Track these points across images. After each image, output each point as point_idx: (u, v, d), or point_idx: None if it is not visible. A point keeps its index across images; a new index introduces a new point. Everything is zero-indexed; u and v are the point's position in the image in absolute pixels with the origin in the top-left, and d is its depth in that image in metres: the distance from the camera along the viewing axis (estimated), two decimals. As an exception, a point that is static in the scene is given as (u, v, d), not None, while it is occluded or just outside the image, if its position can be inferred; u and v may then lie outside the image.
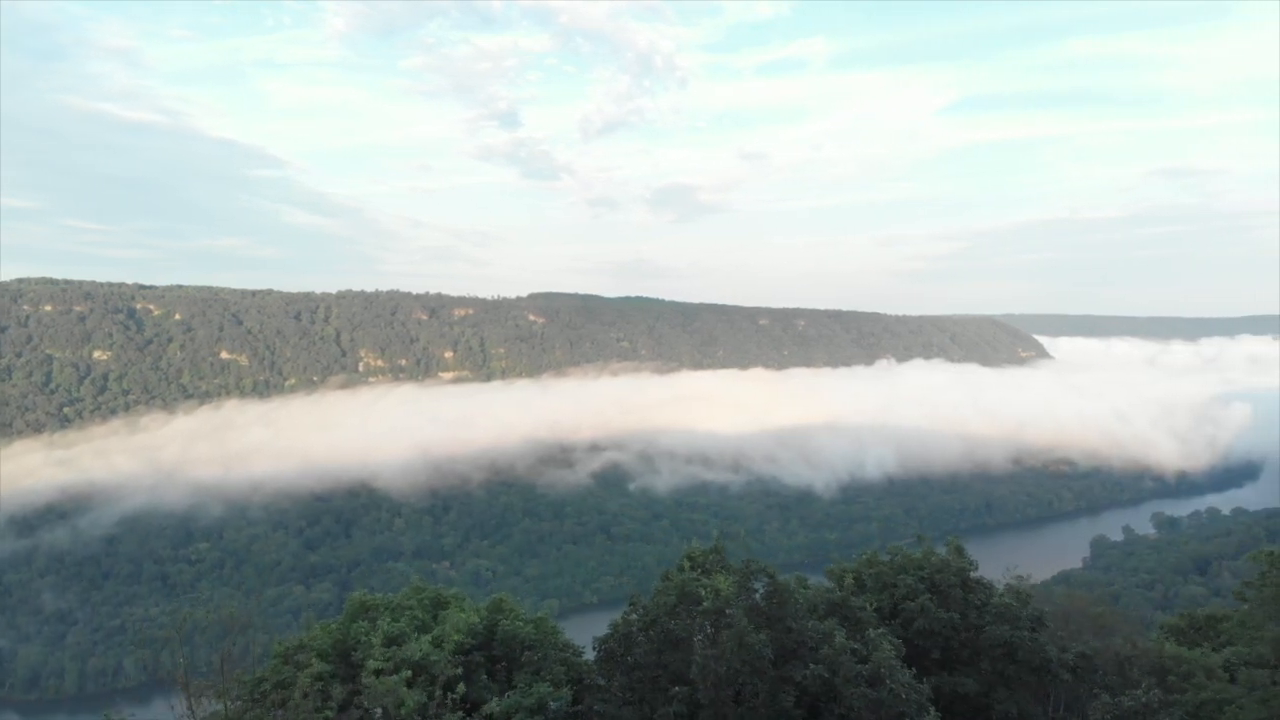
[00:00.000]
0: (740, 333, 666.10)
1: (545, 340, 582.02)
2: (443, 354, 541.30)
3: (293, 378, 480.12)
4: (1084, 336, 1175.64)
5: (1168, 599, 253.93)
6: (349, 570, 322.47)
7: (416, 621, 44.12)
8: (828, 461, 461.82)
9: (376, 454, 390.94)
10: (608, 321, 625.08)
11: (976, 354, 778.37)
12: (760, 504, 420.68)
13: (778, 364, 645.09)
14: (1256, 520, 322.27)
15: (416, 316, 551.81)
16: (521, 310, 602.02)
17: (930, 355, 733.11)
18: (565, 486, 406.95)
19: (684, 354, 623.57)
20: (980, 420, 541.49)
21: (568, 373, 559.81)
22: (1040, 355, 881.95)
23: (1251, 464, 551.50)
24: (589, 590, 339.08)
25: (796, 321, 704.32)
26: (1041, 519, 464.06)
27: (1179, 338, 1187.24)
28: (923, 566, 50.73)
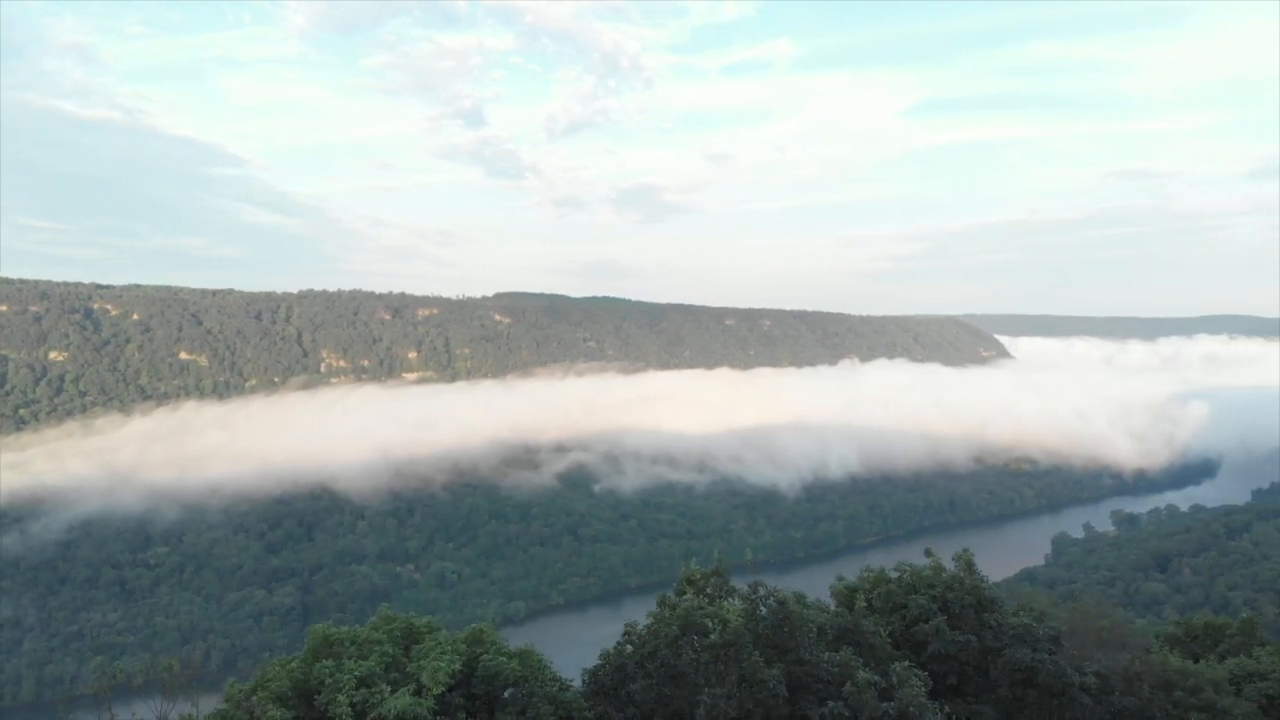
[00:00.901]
0: (707, 333, 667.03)
1: (511, 340, 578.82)
2: (406, 354, 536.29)
3: (253, 379, 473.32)
4: (1044, 336, 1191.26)
5: (1129, 596, 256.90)
6: (311, 574, 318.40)
7: (387, 659, 39.67)
8: (792, 461, 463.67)
9: (337, 456, 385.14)
10: (574, 322, 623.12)
11: (939, 354, 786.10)
12: (726, 503, 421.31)
13: (744, 364, 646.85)
14: (1215, 517, 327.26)
15: (379, 316, 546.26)
16: (487, 310, 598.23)
17: (893, 355, 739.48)
18: (530, 488, 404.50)
19: (651, 354, 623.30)
20: (942, 419, 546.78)
21: (533, 373, 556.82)
22: (1001, 355, 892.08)
23: (1209, 462, 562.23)
24: (556, 592, 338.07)
25: (762, 322, 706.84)
26: (1004, 517, 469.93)
27: (1137, 337, 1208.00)
28: (934, 584, 47.76)
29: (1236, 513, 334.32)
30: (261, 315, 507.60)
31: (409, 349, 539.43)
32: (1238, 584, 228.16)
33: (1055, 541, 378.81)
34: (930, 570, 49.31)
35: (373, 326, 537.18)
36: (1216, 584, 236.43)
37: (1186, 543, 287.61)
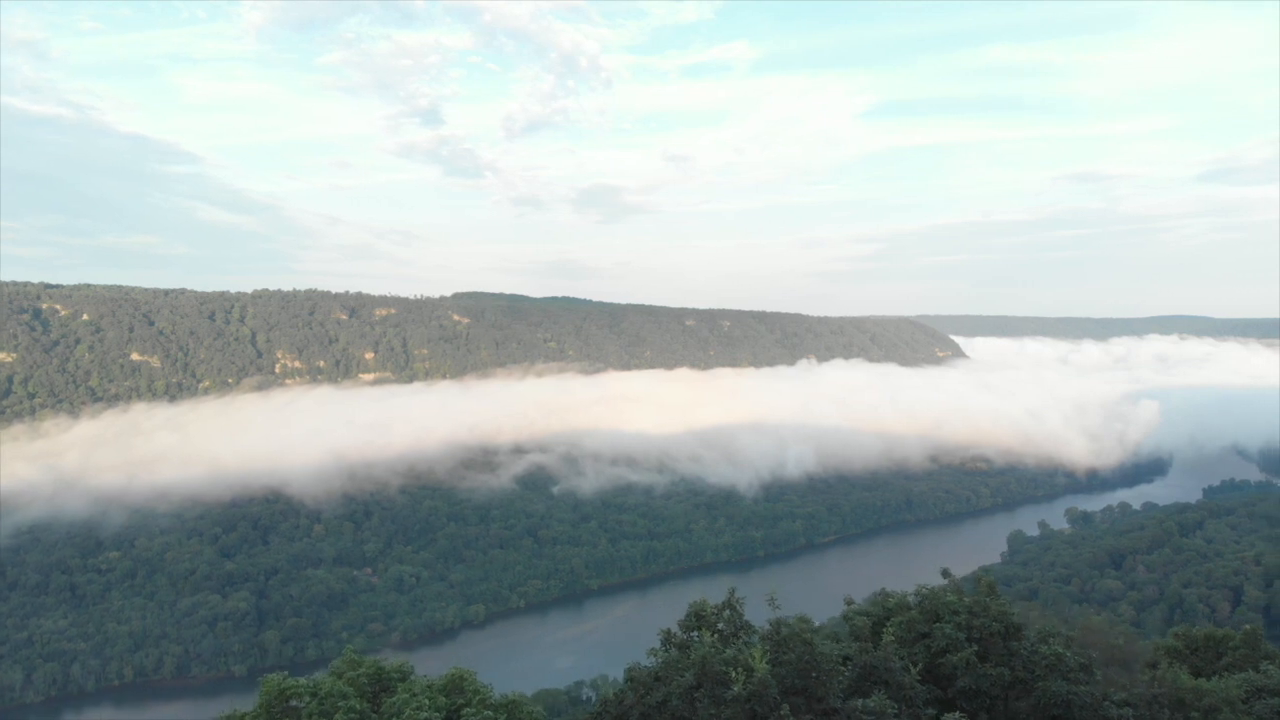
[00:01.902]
0: (667, 333, 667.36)
1: (470, 341, 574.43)
2: (363, 355, 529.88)
3: (207, 380, 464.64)
4: (998, 336, 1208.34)
5: (1085, 592, 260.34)
6: (267, 578, 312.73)
7: (354, 715, 35.38)
8: (750, 461, 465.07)
9: (289, 459, 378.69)
10: (534, 322, 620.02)
11: (895, 354, 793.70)
12: (687, 504, 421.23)
13: (703, 364, 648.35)
14: (1168, 514, 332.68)
15: (336, 316, 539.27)
16: (445, 310, 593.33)
17: (850, 355, 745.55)
18: (488, 491, 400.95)
19: (611, 354, 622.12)
20: (899, 419, 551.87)
21: (493, 374, 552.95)
22: (956, 355, 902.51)
23: (1160, 460, 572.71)
24: (516, 594, 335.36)
25: (722, 322, 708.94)
26: (960, 515, 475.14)
27: (1089, 337, 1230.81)
28: (958, 611, 43.10)
29: (1189, 510, 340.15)
30: (215, 315, 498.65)
31: (366, 349, 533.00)
32: (1191, 581, 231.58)
33: (1011, 539, 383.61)
34: (953, 595, 44.80)
35: (329, 327, 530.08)
36: (1171, 581, 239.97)
37: (1140, 540, 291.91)
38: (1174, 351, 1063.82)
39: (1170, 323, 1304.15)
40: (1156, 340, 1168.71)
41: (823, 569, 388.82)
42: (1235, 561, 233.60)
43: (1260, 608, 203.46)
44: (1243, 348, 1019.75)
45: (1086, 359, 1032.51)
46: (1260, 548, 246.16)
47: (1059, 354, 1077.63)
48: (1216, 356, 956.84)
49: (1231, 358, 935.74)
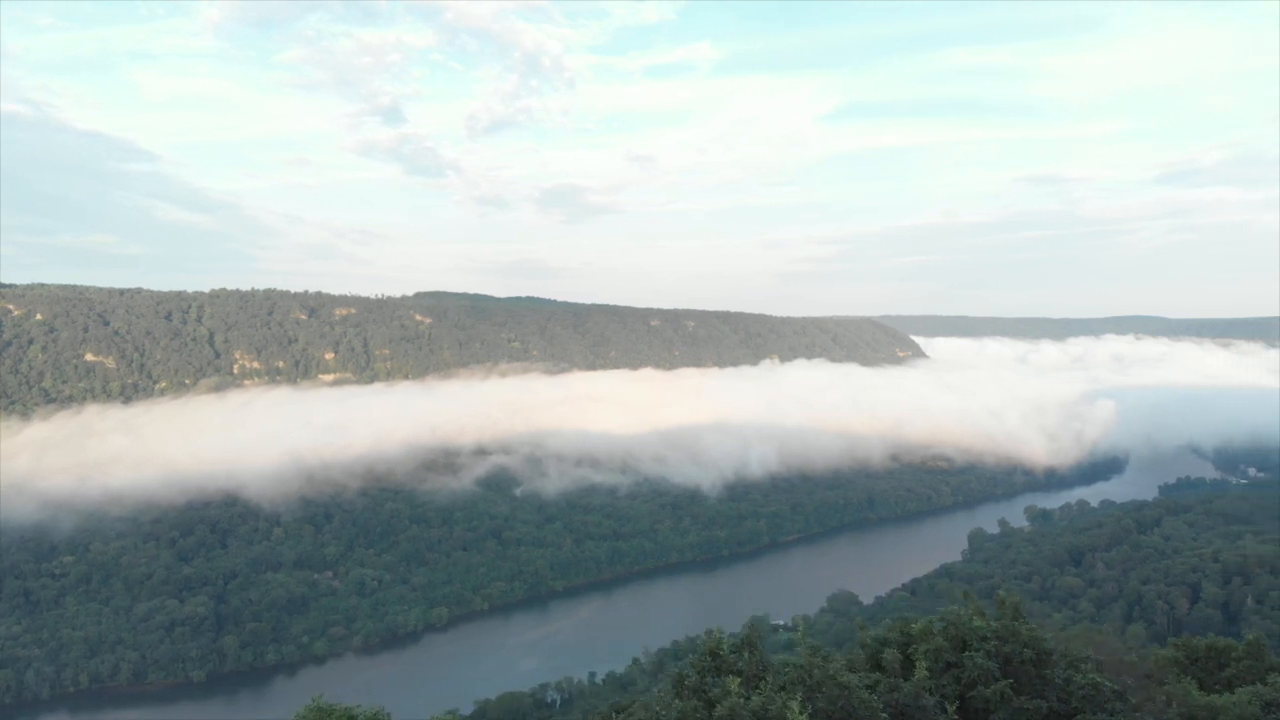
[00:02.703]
0: (632, 333, 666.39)
1: (433, 341, 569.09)
2: (323, 355, 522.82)
3: (163, 381, 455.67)
4: (958, 337, 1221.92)
5: (1045, 590, 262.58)
6: (225, 582, 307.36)
7: None
8: (714, 461, 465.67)
9: (245, 462, 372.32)
10: (498, 322, 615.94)
11: (857, 354, 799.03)
12: (652, 504, 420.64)
13: (668, 364, 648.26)
14: (1126, 512, 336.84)
15: (295, 316, 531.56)
16: (407, 310, 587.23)
17: (813, 355, 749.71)
18: (449, 493, 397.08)
19: (576, 354, 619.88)
20: (860, 418, 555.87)
21: (455, 374, 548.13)
22: (917, 355, 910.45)
23: (1116, 458, 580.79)
24: (480, 597, 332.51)
25: (686, 322, 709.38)
26: (921, 513, 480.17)
27: (1048, 338, 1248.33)
28: (987, 638, 39.47)
29: (1146, 508, 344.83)
30: (172, 315, 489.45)
31: (326, 350, 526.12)
32: (1150, 578, 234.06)
33: (972, 537, 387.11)
34: (979, 619, 41.04)
35: (288, 327, 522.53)
36: (1130, 578, 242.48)
37: (1099, 538, 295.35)
38: (1130, 351, 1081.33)
39: (1127, 323, 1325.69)
40: (1113, 340, 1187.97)
41: (787, 568, 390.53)
42: (1193, 559, 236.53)
43: (1219, 604, 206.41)
44: (1197, 348, 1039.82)
45: (1045, 359, 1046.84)
46: (1217, 545, 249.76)
47: (1018, 354, 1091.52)
48: (1172, 356, 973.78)
49: (1186, 358, 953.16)
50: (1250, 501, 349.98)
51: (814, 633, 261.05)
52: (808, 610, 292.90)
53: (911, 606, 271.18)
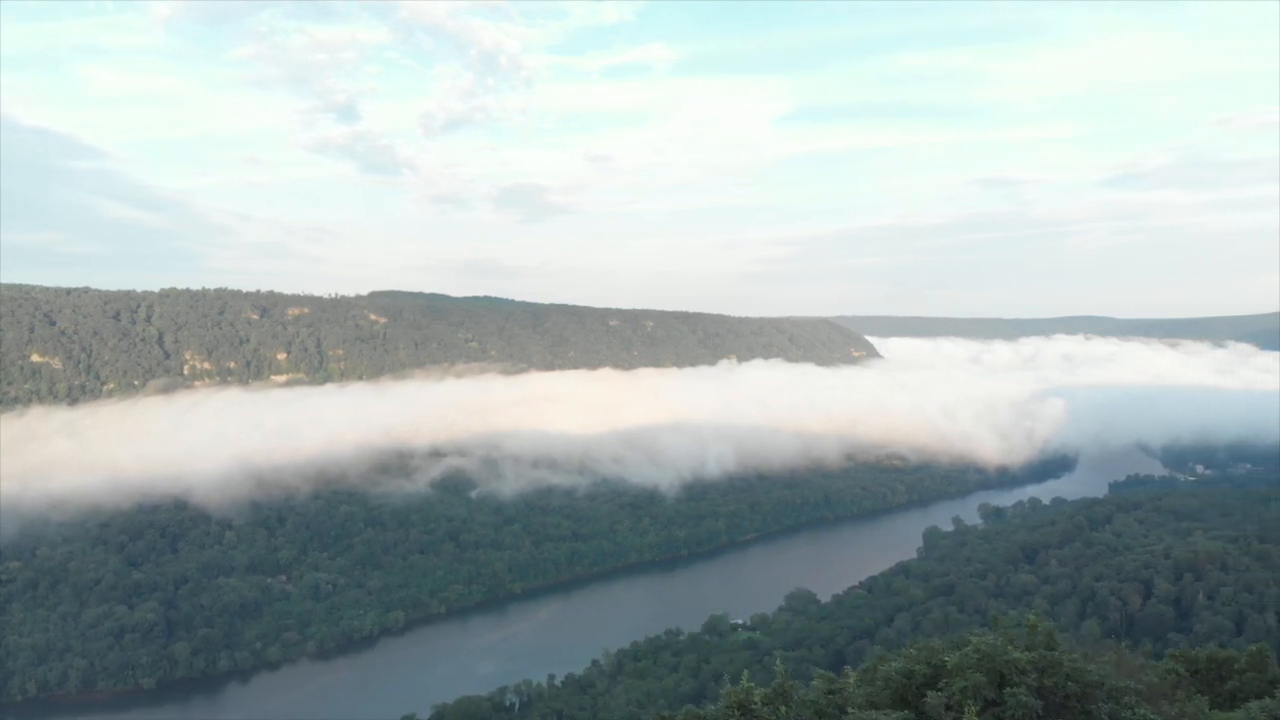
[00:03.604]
0: (591, 333, 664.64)
1: (388, 341, 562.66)
2: (275, 355, 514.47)
3: (111, 382, 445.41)
4: (912, 337, 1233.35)
5: (1000, 587, 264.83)
6: (176, 588, 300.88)
7: None
8: (672, 461, 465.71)
9: (193, 465, 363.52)
10: (455, 321, 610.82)
11: (813, 354, 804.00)
12: (611, 504, 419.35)
13: (627, 364, 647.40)
14: (1077, 509, 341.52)
15: (246, 316, 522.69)
16: (361, 309, 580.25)
17: (770, 355, 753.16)
18: (403, 495, 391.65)
19: (534, 354, 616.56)
20: (816, 418, 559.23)
21: (411, 374, 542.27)
22: (871, 355, 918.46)
23: (1066, 456, 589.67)
24: (437, 600, 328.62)
25: (645, 322, 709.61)
26: (877, 511, 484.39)
27: (1000, 338, 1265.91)
28: (1026, 671, 35.80)
29: (1098, 505, 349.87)
30: (120, 315, 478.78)
31: (278, 350, 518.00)
32: (1103, 574, 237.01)
33: (927, 535, 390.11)
34: (1015, 649, 37.34)
35: (239, 326, 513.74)
36: (1083, 575, 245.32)
37: (1052, 535, 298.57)
38: (1080, 351, 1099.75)
39: (1076, 323, 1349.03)
40: (1063, 340, 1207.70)
41: (745, 567, 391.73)
42: (1145, 555, 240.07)
43: (1171, 600, 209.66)
44: (1146, 347, 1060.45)
45: (997, 359, 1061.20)
46: (1168, 541, 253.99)
47: (971, 354, 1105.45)
48: (1120, 356, 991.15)
49: (1135, 357, 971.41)
50: (1199, 499, 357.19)
51: (772, 631, 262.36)
52: (766, 609, 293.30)
53: (869, 605, 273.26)
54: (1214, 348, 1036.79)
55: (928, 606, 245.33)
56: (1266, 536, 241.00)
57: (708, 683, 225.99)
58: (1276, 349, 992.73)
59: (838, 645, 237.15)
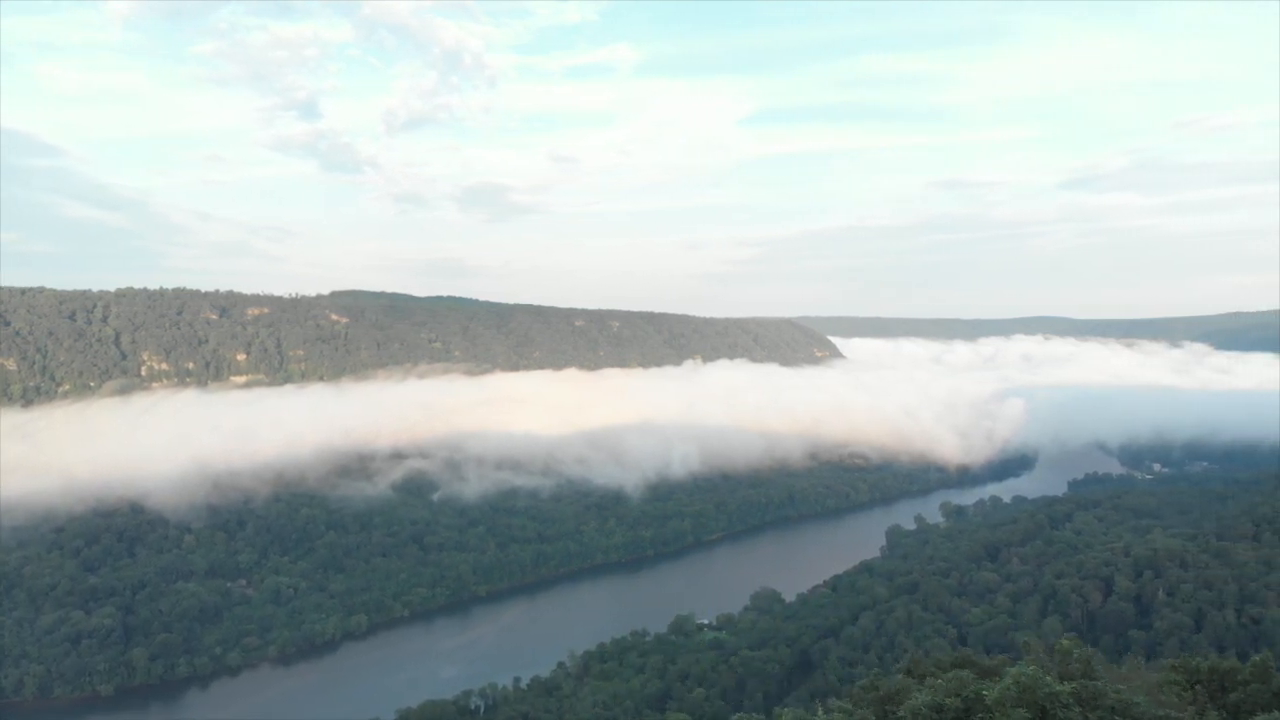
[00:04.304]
0: (556, 333, 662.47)
1: (349, 341, 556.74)
2: (235, 356, 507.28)
3: (66, 383, 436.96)
4: (874, 337, 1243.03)
5: (963, 585, 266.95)
6: (134, 593, 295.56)
7: None
8: (637, 461, 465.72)
9: (147, 468, 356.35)
10: (418, 322, 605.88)
11: (777, 354, 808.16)
12: (577, 505, 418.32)
13: (592, 364, 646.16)
14: (1038, 508, 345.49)
15: (205, 316, 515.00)
16: (323, 309, 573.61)
17: (735, 355, 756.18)
18: (364, 499, 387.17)
19: (499, 355, 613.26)
20: (780, 418, 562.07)
21: (373, 375, 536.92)
22: (834, 355, 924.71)
23: (1026, 455, 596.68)
24: (400, 603, 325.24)
25: (611, 322, 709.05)
26: (840, 510, 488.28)
27: (960, 338, 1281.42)
28: (1069, 705, 33.28)
29: (1058, 503, 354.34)
30: (76, 315, 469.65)
31: (238, 350, 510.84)
32: (1064, 572, 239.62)
33: (889, 533, 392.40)
34: (1053, 680, 34.96)
35: (198, 327, 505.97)
36: (1045, 572, 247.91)
37: (1014, 533, 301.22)
38: (1039, 351, 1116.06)
39: (1035, 323, 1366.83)
40: (1022, 340, 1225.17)
41: (711, 566, 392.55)
42: (1105, 553, 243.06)
43: (1131, 598, 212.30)
44: (1103, 347, 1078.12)
45: (957, 359, 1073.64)
46: (1128, 539, 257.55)
47: (932, 354, 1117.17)
48: (1079, 356, 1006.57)
49: (1093, 357, 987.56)
50: (1157, 497, 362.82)
51: (738, 631, 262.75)
52: (732, 609, 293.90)
53: (834, 604, 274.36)
54: (1170, 348, 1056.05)
55: (892, 605, 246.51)
56: (1224, 534, 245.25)
57: (674, 683, 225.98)
58: (1232, 349, 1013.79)
59: (803, 645, 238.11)
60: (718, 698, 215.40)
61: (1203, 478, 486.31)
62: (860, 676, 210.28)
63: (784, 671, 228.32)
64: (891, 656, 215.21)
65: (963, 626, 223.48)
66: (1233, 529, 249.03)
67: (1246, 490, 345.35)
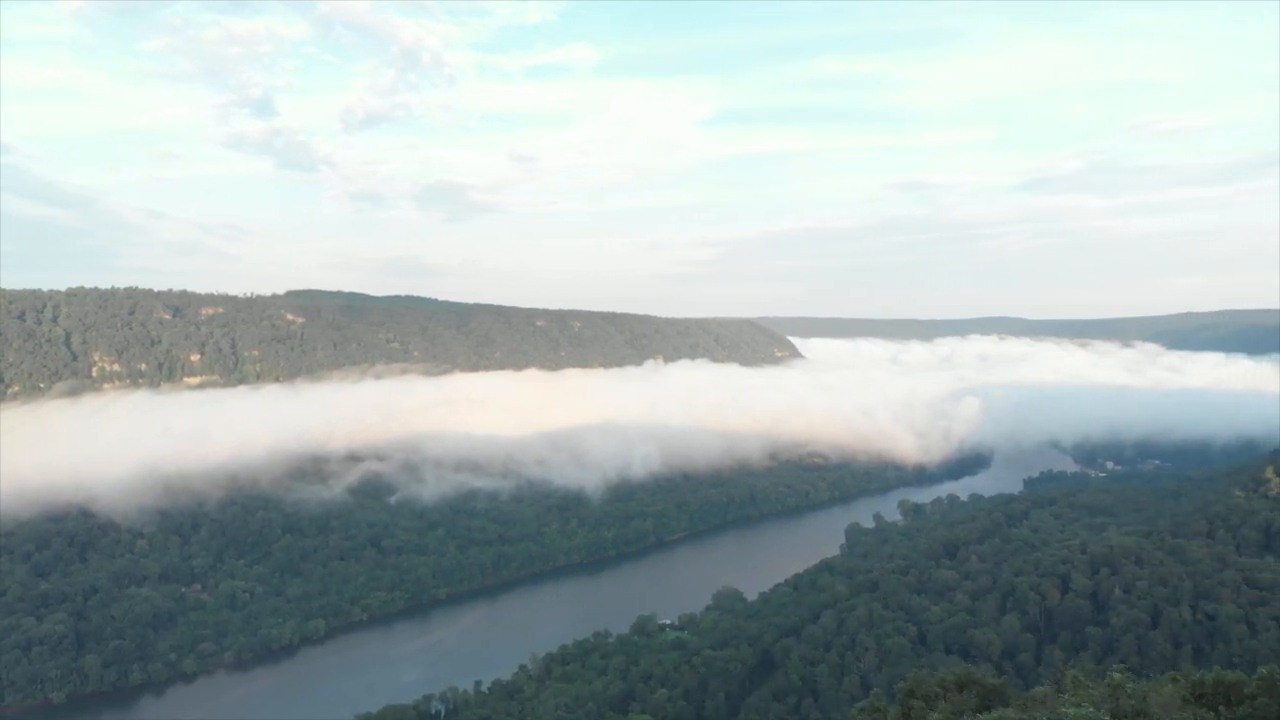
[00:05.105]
0: (517, 333, 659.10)
1: (305, 341, 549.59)
2: (188, 357, 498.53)
3: (15, 384, 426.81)
4: (832, 337, 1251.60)
5: (922, 583, 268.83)
6: (86, 598, 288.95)
7: None
8: (598, 462, 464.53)
9: (95, 472, 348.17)
10: (376, 321, 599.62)
11: (738, 354, 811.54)
12: (538, 506, 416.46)
13: (554, 365, 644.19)
14: (995, 505, 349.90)
15: (158, 316, 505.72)
16: (278, 309, 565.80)
17: (696, 355, 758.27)
18: (319, 503, 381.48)
19: (459, 355, 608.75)
20: (740, 418, 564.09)
21: (329, 376, 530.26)
22: (794, 355, 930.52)
23: (981, 454, 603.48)
24: (359, 607, 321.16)
25: (573, 323, 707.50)
26: (800, 508, 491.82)
27: (916, 338, 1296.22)
28: None
29: (1015, 501, 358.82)
30: (25, 315, 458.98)
31: (191, 351, 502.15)
32: (1022, 570, 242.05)
33: (849, 532, 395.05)
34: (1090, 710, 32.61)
35: (150, 327, 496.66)
36: (1003, 570, 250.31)
37: (972, 531, 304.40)
38: (994, 351, 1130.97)
39: (991, 324, 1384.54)
40: (978, 340, 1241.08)
41: (673, 566, 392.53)
42: (1062, 550, 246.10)
43: (1088, 594, 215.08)
44: (1057, 347, 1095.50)
45: (914, 359, 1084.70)
46: (1084, 536, 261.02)
47: (889, 354, 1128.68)
48: (1033, 356, 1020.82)
49: (1047, 357, 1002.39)
50: (1112, 494, 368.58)
51: (700, 631, 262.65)
52: (694, 609, 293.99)
53: (795, 602, 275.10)
54: (1123, 348, 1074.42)
55: (853, 603, 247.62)
56: (1179, 531, 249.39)
57: (636, 684, 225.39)
58: (1183, 349, 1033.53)
59: (765, 644, 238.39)
60: (680, 698, 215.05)
61: (1155, 475, 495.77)
62: (822, 676, 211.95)
63: (746, 671, 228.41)
64: (853, 655, 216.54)
65: (923, 624, 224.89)
66: (1187, 526, 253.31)
67: (1199, 487, 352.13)
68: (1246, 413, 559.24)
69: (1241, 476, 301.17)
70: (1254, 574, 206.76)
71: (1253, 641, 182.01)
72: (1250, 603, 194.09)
